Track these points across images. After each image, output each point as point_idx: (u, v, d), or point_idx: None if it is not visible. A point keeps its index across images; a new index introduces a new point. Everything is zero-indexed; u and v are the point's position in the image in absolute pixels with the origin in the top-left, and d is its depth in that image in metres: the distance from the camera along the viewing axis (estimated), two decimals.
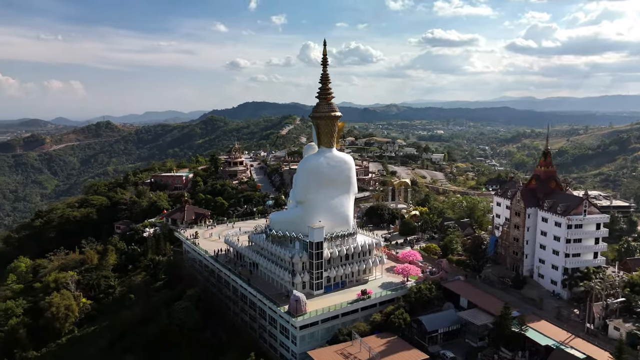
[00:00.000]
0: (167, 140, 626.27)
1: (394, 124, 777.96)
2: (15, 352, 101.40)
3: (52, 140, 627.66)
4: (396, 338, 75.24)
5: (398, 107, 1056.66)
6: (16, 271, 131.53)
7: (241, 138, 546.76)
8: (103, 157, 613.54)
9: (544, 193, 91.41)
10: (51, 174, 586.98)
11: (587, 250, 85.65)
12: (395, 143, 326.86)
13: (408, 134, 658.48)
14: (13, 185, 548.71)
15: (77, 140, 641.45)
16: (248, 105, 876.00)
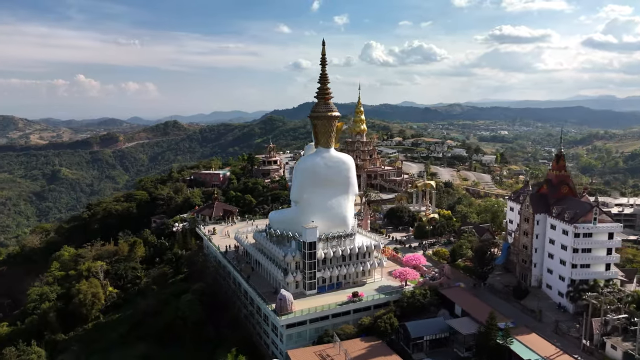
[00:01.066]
0: (229, 139, 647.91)
1: (455, 124, 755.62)
2: (45, 334, 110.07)
3: (125, 139, 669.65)
4: (380, 343, 74.34)
5: (462, 107, 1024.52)
6: (60, 259, 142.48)
7: (297, 137, 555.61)
8: (169, 154, 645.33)
9: (555, 199, 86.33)
10: (123, 170, 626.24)
11: (597, 261, 79.95)
12: (444, 144, 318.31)
13: (469, 135, 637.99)
14: (89, 180, 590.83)
15: (147, 139, 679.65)
16: (307, 105, 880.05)
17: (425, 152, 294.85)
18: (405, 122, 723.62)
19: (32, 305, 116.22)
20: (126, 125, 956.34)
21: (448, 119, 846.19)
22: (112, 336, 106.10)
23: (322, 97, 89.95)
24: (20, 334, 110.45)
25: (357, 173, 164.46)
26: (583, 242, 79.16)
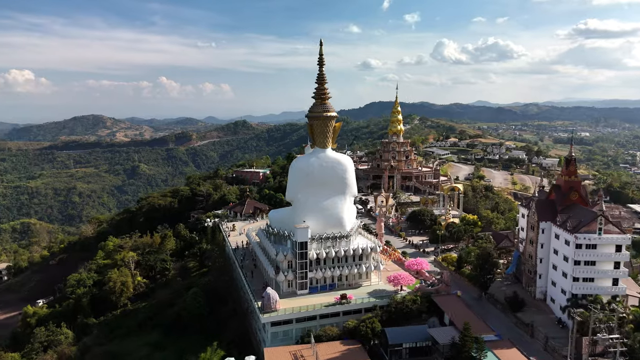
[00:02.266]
0: (294, 138, 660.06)
1: (530, 125, 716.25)
2: (78, 318, 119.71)
3: (197, 137, 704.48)
4: (358, 347, 73.54)
5: (539, 107, 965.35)
6: (104, 248, 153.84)
7: (359, 137, 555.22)
8: (238, 152, 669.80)
9: (563, 206, 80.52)
10: (195, 167, 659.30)
11: (602, 275, 73.63)
12: (501, 145, 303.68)
13: (543, 136, 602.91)
14: (164, 175, 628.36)
15: (218, 137, 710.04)
16: (374, 105, 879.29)
17: (481, 154, 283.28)
18: (475, 122, 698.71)
19: (70, 290, 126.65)
20: (201, 124, 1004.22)
21: (523, 119, 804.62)
22: (132, 323, 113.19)
23: (320, 97, 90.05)
24: (57, 316, 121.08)
25: (390, 174, 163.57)
26: (586, 253, 73.26)
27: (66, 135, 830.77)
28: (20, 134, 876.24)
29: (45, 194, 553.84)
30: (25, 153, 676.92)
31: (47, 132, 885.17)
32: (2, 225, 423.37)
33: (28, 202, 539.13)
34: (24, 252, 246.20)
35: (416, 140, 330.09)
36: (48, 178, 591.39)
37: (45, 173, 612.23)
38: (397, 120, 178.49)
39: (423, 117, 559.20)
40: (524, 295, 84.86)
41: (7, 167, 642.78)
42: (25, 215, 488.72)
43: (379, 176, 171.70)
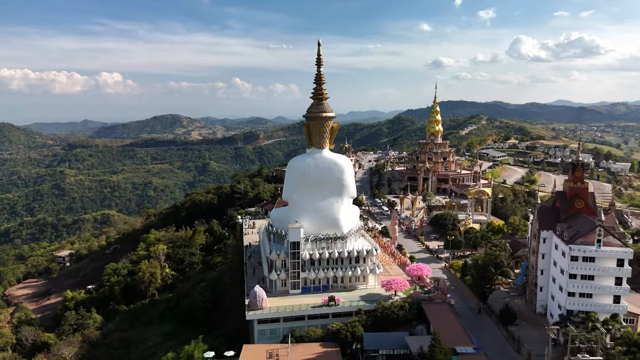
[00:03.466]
0: (356, 138, 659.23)
1: (614, 126, 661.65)
2: (110, 304, 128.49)
3: (264, 136, 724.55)
4: (335, 350, 72.88)
5: (628, 106, 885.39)
6: (146, 240, 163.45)
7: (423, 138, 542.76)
8: (302, 151, 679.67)
9: (566, 214, 74.74)
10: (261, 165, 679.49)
11: (601, 291, 67.56)
12: (565, 148, 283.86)
13: (629, 138, 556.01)
14: (232, 172, 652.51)
15: (284, 137, 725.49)
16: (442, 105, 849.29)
17: (541, 157, 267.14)
18: (551, 123, 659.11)
19: (106, 278, 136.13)
20: (270, 124, 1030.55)
21: (608, 120, 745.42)
22: (154, 313, 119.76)
23: (317, 97, 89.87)
24: (92, 301, 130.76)
25: (425, 176, 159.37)
26: (582, 266, 67.61)
27: (147, 133, 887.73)
28: (107, 132, 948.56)
29: (124, 187, 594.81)
30: (110, 150, 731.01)
31: (130, 130, 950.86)
32: (86, 216, 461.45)
33: (110, 195, 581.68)
34: (94, 240, 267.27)
35: (473, 141, 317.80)
36: (128, 173, 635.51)
37: (126, 168, 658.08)
38: (435, 121, 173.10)
39: (491, 118, 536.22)
40: (525, 309, 79.94)
41: (94, 162, 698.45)
42: (107, 207, 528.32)
43: (414, 178, 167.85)
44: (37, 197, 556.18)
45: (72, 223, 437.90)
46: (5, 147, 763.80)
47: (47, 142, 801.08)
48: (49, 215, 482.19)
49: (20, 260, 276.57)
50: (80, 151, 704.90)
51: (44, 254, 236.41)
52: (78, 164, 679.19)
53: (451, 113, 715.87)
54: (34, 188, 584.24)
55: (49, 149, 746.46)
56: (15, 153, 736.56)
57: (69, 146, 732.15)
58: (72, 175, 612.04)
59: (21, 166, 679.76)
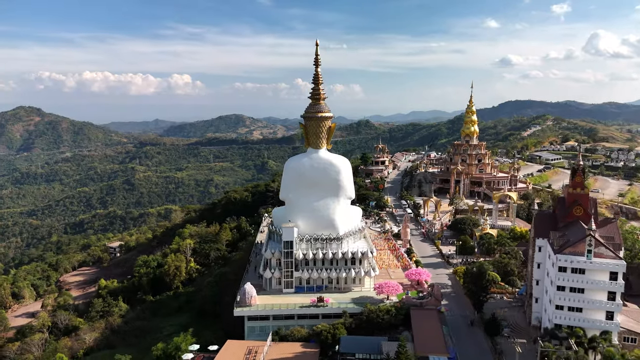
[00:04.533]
0: (415, 138, 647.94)
1: None
2: (138, 294, 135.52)
3: None
4: (315, 351, 72.89)
5: None
6: (180, 235, 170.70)
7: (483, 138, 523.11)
8: (358, 152, 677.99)
9: (564, 222, 69.84)
10: None
11: (592, 306, 62.59)
12: (630, 151, 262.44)
13: None
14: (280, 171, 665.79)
15: (341, 137, 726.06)
16: (508, 105, 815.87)
17: (602, 160, 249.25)
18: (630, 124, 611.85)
19: (137, 269, 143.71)
20: None
21: None
22: (175, 305, 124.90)
23: (315, 97, 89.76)
24: (123, 290, 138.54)
25: (457, 178, 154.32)
26: (571, 278, 62.96)
27: (212, 132, 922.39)
28: (175, 131, 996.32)
29: (188, 184, 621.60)
30: (176, 148, 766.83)
31: (197, 129, 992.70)
32: (151, 210, 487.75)
33: (174, 191, 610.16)
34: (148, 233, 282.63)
35: (528, 143, 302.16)
36: (192, 170, 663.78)
37: (190, 166, 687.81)
38: (470, 121, 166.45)
39: (558, 118, 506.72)
40: (521, 321, 75.61)
41: (161, 159, 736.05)
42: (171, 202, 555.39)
43: (446, 180, 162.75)
44: (110, 191, 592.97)
45: (138, 216, 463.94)
46: (85, 144, 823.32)
47: (122, 140, 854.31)
48: (118, 208, 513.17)
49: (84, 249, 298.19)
50: (150, 149, 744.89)
51: (99, 245, 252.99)
52: (147, 161, 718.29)
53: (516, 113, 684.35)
54: (108, 183, 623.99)
55: (122, 147, 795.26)
56: (94, 150, 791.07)
57: (140, 144, 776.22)
58: (142, 172, 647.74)
59: (98, 162, 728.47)
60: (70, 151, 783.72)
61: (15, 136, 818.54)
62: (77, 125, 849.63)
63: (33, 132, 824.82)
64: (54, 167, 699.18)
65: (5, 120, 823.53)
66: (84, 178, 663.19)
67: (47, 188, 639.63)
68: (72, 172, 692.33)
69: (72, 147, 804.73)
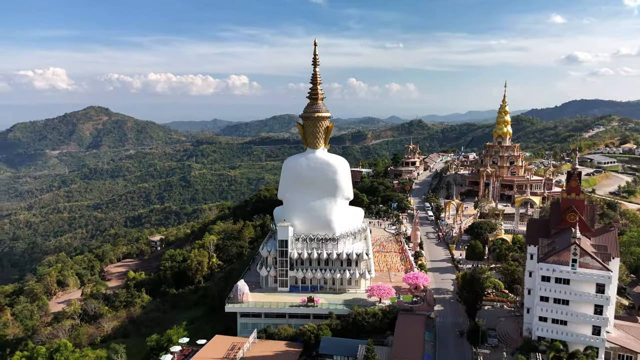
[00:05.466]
0: (469, 139, 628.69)
1: None
2: (162, 287, 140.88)
3: (372, 136, 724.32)
4: (296, 351, 73.30)
5: None
6: (211, 231, 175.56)
7: (542, 140, 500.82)
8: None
9: (557, 229, 65.66)
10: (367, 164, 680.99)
11: (577, 319, 58.37)
12: None
13: None
14: None
15: (392, 137, 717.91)
16: (573, 104, 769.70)
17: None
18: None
19: (163, 263, 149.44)
20: (382, 123, 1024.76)
21: None
22: (192, 299, 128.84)
23: (312, 97, 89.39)
24: (149, 282, 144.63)
25: (486, 181, 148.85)
26: (555, 289, 59.12)
27: (266, 132, 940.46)
28: (231, 130, 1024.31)
29: (240, 182, 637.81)
30: (231, 146, 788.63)
31: (252, 129, 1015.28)
32: (204, 206, 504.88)
33: (227, 188, 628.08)
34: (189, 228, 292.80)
35: (582, 145, 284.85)
36: (244, 169, 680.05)
37: (243, 164, 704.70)
38: (503, 122, 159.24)
39: (624, 119, 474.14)
40: (514, 331, 71.82)
41: (216, 157, 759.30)
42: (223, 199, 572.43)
43: (476, 183, 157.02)
44: (168, 187, 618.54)
45: (191, 212, 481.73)
46: (147, 142, 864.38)
47: (181, 138, 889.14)
48: (174, 204, 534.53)
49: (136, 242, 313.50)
50: (206, 147, 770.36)
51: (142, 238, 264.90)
52: (203, 159, 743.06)
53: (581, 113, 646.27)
54: (166, 179, 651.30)
55: (181, 145, 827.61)
56: (155, 148, 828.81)
57: (197, 142, 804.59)
58: (197, 169, 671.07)
59: (158, 159, 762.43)
60: (134, 149, 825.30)
61: (85, 134, 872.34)
62: (140, 124, 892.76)
63: (101, 131, 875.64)
64: (119, 163, 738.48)
65: (76, 119, 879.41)
66: (144, 174, 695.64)
67: (111, 183, 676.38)
68: (134, 169, 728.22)
69: (135, 145, 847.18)
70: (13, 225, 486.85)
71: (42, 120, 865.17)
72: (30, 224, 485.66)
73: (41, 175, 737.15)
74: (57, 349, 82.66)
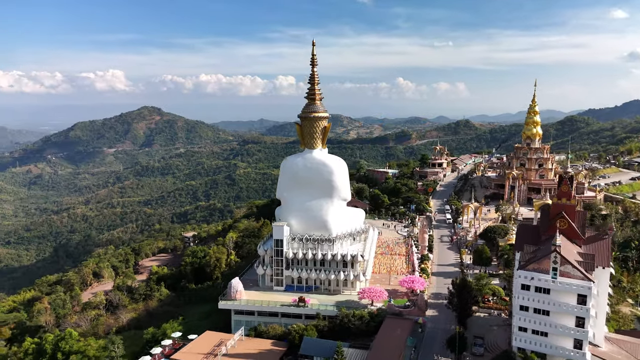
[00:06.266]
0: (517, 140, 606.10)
1: None
2: (182, 282, 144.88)
3: (417, 136, 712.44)
4: (280, 350, 73.65)
5: None
6: (235, 229, 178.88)
7: (597, 141, 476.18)
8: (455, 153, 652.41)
9: (546, 235, 62.25)
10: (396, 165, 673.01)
11: (558, 331, 55.10)
12: None
13: None
14: None
15: (438, 137, 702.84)
16: (635, 104, 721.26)
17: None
18: None
19: (184, 258, 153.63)
20: (429, 123, 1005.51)
21: None
22: (206, 294, 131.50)
23: (310, 97, 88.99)
24: (171, 277, 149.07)
25: (512, 184, 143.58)
26: (534, 298, 56.13)
27: None
28: (277, 130, 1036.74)
29: None
30: (275, 146, 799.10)
31: None
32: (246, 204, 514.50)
33: (270, 187, 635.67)
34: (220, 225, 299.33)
35: (632, 147, 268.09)
36: None
37: None
38: (532, 122, 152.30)
39: None
40: (502, 340, 68.74)
41: (260, 157, 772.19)
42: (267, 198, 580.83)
43: (502, 185, 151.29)
44: (214, 185, 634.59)
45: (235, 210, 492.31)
46: (196, 141, 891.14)
47: (228, 138, 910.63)
48: (218, 201, 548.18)
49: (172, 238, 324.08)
50: (251, 146, 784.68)
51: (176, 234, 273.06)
52: (248, 158, 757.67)
53: None
54: (212, 177, 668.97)
55: (228, 144, 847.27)
56: (203, 147, 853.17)
57: (243, 142, 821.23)
58: (242, 168, 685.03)
59: (205, 158, 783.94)
60: (184, 147, 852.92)
61: (139, 133, 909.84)
62: (190, 124, 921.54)
63: (154, 130, 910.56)
64: (169, 161, 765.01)
65: (131, 119, 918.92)
66: (192, 172, 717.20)
67: (161, 180, 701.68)
68: (183, 167, 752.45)
69: (185, 144, 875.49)
70: (71, 218, 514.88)
71: (100, 120, 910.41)
72: (87, 217, 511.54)
73: (98, 171, 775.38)
74: (62, 338, 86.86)
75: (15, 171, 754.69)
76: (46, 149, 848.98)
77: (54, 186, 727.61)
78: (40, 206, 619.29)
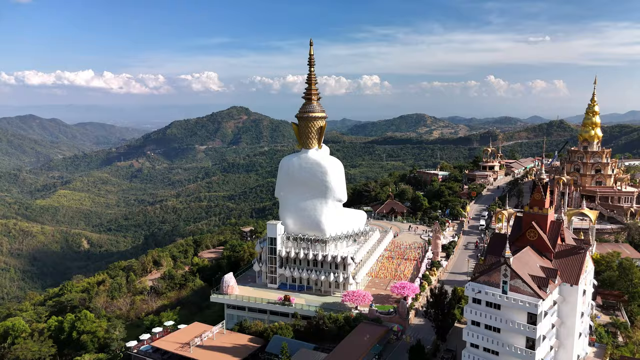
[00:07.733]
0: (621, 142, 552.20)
1: None
2: (217, 274, 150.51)
3: (503, 137, 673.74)
4: (252, 346, 74.05)
5: None
6: None
7: None
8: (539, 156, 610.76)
9: (516, 247, 56.55)
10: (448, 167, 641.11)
11: (508, 352, 49.81)
12: None
13: None
14: None
15: (527, 138, 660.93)
16: None
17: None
18: None
19: (223, 252, 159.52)
20: (520, 124, 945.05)
21: None
22: None
23: (307, 97, 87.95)
24: (210, 269, 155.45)
25: (563, 190, 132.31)
26: (484, 313, 51.27)
27: (392, 131, 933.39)
28: (358, 130, 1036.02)
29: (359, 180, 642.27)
30: (354, 145, 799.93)
31: (378, 128, 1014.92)
32: None
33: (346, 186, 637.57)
34: None
35: None
36: (364, 168, 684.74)
37: (364, 163, 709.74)
38: (591, 124, 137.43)
39: None
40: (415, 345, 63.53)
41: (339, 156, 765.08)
42: None
43: (552, 192, 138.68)
44: None
45: None
46: (280, 140, 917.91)
47: None
48: None
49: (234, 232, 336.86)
50: (331, 146, 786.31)
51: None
52: None
53: None
54: None
55: None
56: (285, 145, 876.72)
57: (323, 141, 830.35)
58: None
59: None
60: (268, 146, 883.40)
61: (227, 131, 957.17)
62: (274, 123, 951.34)
63: (241, 129, 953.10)
64: (253, 159, 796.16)
65: (221, 118, 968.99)
66: (274, 170, 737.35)
67: (245, 177, 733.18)
68: (266, 164, 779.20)
69: (269, 143, 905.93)
70: (163, 209, 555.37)
71: (193, 119, 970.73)
72: (176, 209, 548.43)
73: (190, 167, 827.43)
74: (79, 319, 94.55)
75: (120, 165, 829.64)
76: (146, 145, 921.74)
77: (151, 180, 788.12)
78: (138, 197, 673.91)
